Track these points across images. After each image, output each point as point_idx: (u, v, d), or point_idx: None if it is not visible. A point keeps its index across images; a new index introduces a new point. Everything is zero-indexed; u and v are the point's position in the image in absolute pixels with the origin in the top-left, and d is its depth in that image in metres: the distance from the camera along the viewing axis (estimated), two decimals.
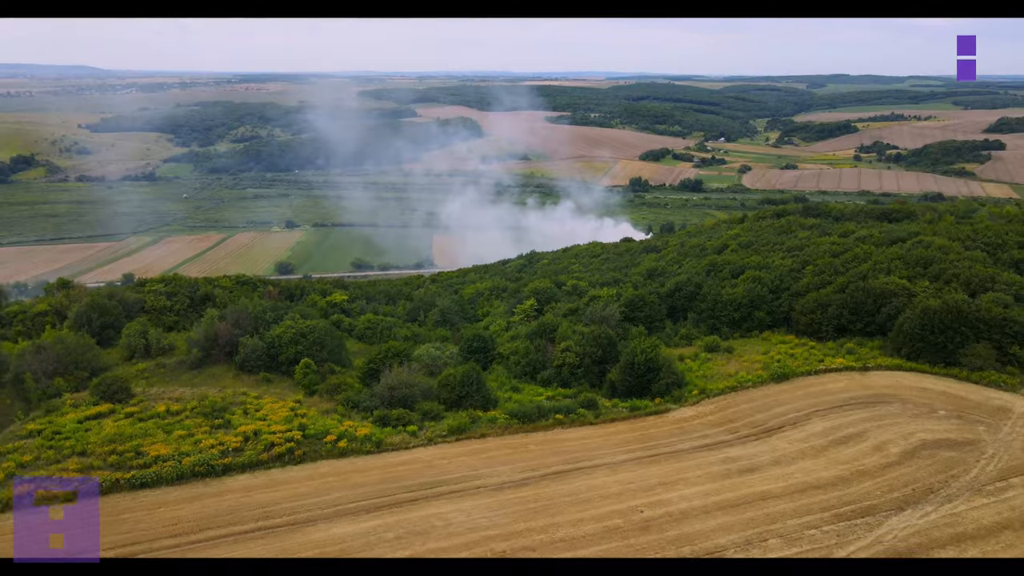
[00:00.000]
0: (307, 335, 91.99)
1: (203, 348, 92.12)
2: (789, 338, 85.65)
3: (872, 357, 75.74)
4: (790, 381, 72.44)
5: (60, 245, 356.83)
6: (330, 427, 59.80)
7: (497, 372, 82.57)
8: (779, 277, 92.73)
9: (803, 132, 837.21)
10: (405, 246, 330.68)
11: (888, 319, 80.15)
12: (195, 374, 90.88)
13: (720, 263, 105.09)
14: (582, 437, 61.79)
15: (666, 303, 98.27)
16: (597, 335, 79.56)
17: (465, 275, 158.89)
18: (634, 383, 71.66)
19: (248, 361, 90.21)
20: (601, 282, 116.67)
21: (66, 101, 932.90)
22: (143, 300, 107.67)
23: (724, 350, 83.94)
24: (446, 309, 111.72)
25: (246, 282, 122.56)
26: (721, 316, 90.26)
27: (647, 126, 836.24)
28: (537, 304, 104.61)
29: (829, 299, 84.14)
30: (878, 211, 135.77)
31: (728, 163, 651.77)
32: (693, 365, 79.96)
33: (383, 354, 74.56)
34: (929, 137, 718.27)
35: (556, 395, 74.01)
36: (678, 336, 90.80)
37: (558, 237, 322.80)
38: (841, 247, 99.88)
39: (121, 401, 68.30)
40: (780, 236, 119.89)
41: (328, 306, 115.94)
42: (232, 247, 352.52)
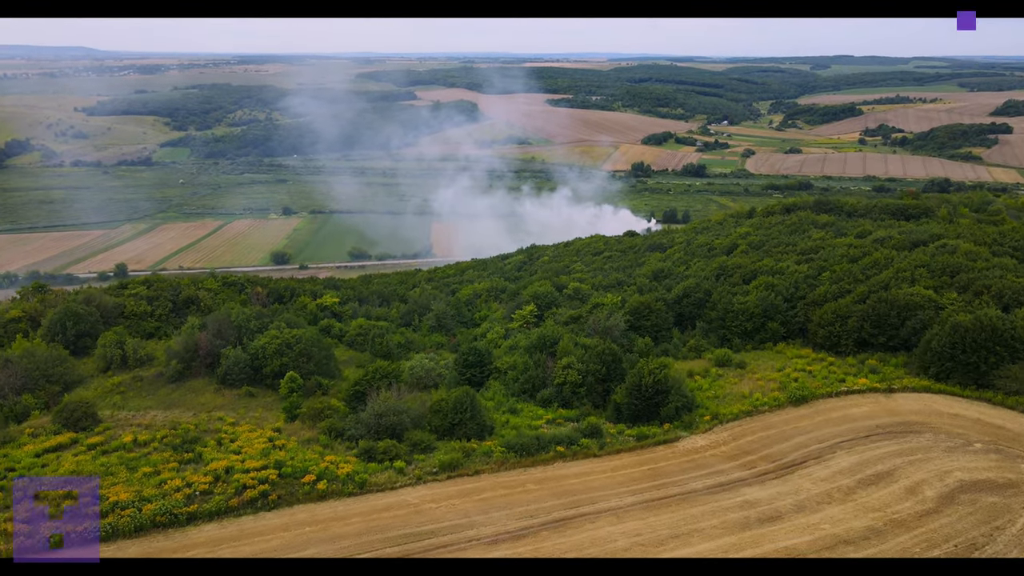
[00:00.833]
0: (293, 346, 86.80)
1: (182, 360, 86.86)
2: (806, 352, 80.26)
3: (897, 377, 70.36)
4: (809, 404, 67.09)
5: (53, 233, 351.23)
6: (309, 464, 54.52)
7: (494, 389, 77.29)
8: (794, 284, 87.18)
9: (807, 115, 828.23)
10: (403, 234, 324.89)
11: (913, 333, 74.73)
12: (174, 388, 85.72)
13: (730, 267, 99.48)
14: (585, 473, 56.55)
15: (673, 310, 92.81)
16: (601, 351, 74.20)
17: (463, 273, 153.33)
18: (641, 407, 66.35)
19: (230, 374, 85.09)
20: (604, 284, 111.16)
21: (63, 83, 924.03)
22: (122, 305, 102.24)
23: (736, 365, 78.57)
24: (441, 314, 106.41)
25: (232, 283, 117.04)
26: (732, 326, 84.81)
27: (649, 109, 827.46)
28: (537, 310, 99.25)
29: (849, 310, 78.66)
30: (893, 207, 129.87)
31: (731, 147, 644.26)
32: (703, 383, 74.61)
33: (371, 375, 69.20)
34: (935, 120, 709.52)
35: (557, 417, 68.84)
36: (686, 347, 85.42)
37: (559, 226, 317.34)
38: (859, 251, 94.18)
39: (85, 429, 63.03)
40: (792, 236, 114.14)
41: (318, 310, 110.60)
42: (228, 235, 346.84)
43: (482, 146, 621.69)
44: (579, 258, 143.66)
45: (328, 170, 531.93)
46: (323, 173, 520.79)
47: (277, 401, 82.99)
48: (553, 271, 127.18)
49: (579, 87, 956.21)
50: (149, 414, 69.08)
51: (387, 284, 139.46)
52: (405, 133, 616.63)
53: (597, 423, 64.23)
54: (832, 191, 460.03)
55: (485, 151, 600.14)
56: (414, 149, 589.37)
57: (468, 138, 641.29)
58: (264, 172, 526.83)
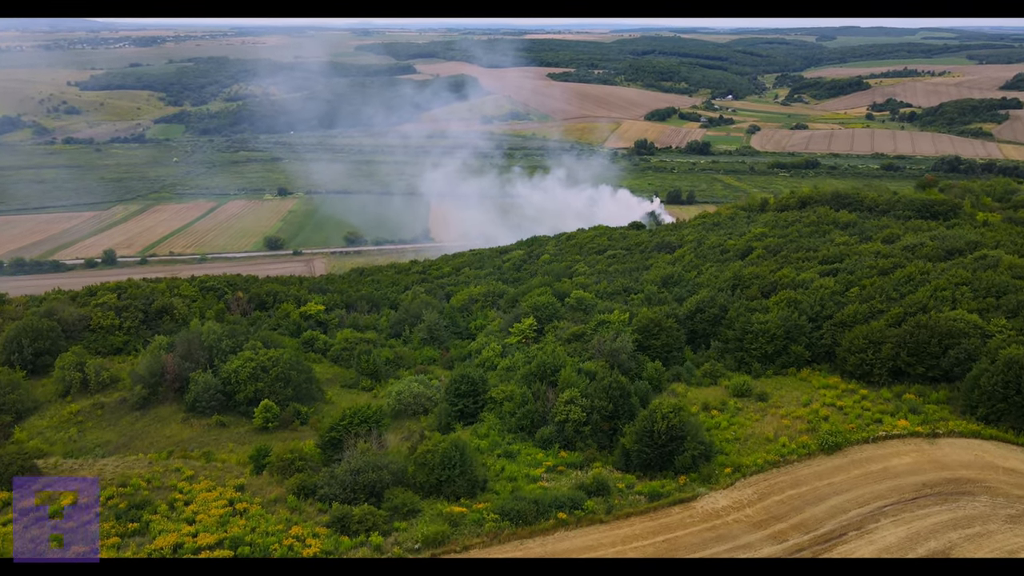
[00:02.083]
0: (269, 369, 79.35)
1: (148, 385, 79.51)
2: (834, 381, 72.43)
3: (941, 418, 62.57)
4: (843, 453, 59.42)
5: (43, 215, 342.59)
6: (271, 541, 46.93)
7: (488, 423, 69.73)
8: (819, 302, 79.12)
9: (813, 89, 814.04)
10: (400, 217, 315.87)
11: (956, 364, 66.93)
12: (138, 416, 78.47)
13: (747, 276, 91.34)
14: (590, 547, 49.04)
15: (685, 327, 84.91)
16: (607, 385, 66.45)
17: (458, 272, 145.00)
18: (653, 455, 58.74)
19: (199, 401, 77.93)
20: (609, 292, 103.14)
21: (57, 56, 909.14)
22: (88, 317, 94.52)
23: (757, 396, 70.81)
24: (433, 324, 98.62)
25: (211, 288, 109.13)
26: (751, 349, 76.90)
27: (652, 83, 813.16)
28: (537, 324, 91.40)
29: (882, 335, 70.72)
30: (918, 203, 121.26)
31: (736, 123, 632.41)
32: (721, 418, 66.95)
33: (348, 419, 61.47)
34: (944, 95, 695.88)
35: (558, 464, 61.35)
36: (700, 371, 77.64)
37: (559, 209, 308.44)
38: (889, 261, 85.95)
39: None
40: (812, 239, 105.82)
41: (301, 319, 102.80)
42: (221, 217, 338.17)
43: (482, 122, 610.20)
44: (582, 257, 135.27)
45: (324, 147, 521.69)
46: (319, 151, 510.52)
47: (251, 432, 75.87)
48: (554, 273, 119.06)
49: (581, 60, 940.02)
50: (99, 463, 61.41)
51: (378, 285, 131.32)
52: (403, 109, 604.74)
53: (604, 477, 56.73)
54: (840, 169, 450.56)
55: (485, 127, 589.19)
56: (413, 125, 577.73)
57: (468, 114, 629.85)
58: (260, 150, 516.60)
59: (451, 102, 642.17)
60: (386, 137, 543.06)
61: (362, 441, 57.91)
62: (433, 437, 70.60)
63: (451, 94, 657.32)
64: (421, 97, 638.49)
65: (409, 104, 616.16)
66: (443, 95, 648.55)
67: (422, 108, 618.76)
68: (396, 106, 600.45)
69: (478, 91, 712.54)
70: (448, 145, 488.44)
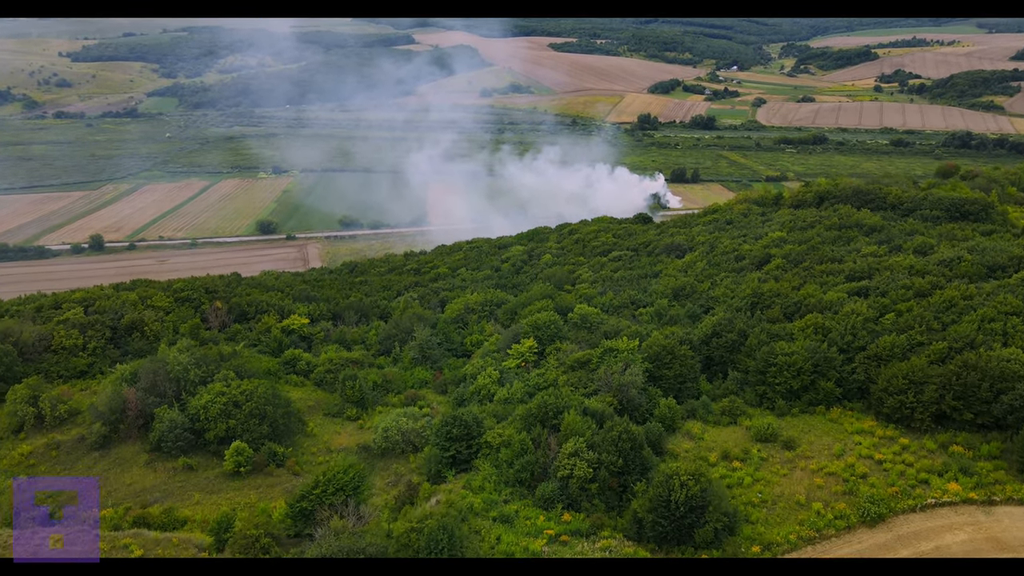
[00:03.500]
0: (242, 405, 71.80)
1: (108, 422, 72.06)
2: (868, 424, 64.87)
3: (996, 480, 55.16)
4: (887, 525, 52.11)
5: (31, 195, 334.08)
6: None
7: (484, 474, 62.40)
8: (850, 330, 71.34)
9: (820, 59, 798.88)
10: (397, 197, 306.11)
11: (1010, 412, 59.43)
12: (97, 458, 71.27)
13: (767, 294, 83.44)
14: None
15: (700, 352, 77.27)
16: (616, 436, 59.01)
17: (454, 273, 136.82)
18: (670, 528, 51.48)
19: (165, 441, 70.52)
20: (616, 305, 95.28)
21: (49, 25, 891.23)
22: (49, 336, 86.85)
23: (783, 443, 63.34)
24: (425, 343, 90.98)
25: (186, 299, 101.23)
26: (775, 383, 69.25)
27: (656, 54, 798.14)
28: (537, 345, 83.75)
29: (924, 375, 63.06)
30: (947, 202, 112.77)
31: (741, 95, 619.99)
32: (744, 472, 59.59)
33: (322, 489, 53.96)
34: (954, 65, 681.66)
35: (561, 532, 54.15)
36: (718, 407, 70.12)
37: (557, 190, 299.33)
38: (926, 281, 77.90)
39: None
40: (836, 246, 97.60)
41: (283, 335, 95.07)
42: (214, 197, 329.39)
43: (481, 95, 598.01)
44: (586, 259, 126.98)
45: (321, 122, 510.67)
46: (315, 125, 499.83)
47: (221, 478, 68.71)
48: (556, 280, 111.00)
49: (583, 30, 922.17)
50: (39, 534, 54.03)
51: (368, 289, 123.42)
52: (401, 81, 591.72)
53: (614, 552, 49.48)
54: (848, 145, 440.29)
55: (484, 101, 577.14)
56: (411, 99, 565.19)
57: (467, 86, 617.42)
58: (255, 124, 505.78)
59: (450, 75, 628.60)
60: (383, 111, 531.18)
61: (337, 516, 50.52)
62: (421, 490, 63.69)
63: (450, 66, 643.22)
64: (419, 69, 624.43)
65: (407, 76, 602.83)
66: (442, 67, 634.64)
67: (421, 80, 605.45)
68: (393, 79, 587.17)
69: (478, 62, 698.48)
70: (447, 120, 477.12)
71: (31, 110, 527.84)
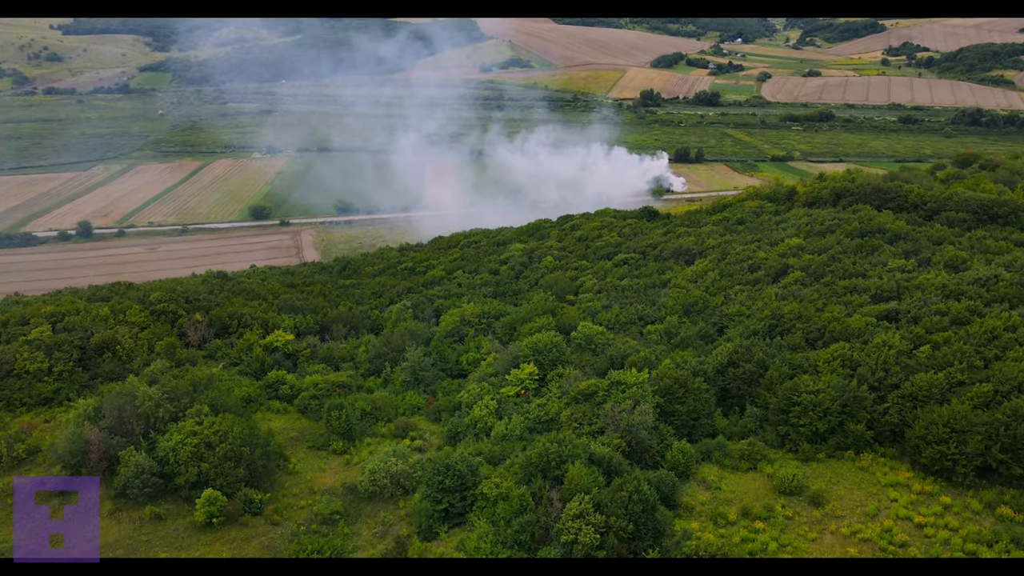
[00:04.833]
0: (215, 446, 65.69)
1: (69, 466, 65.91)
2: (903, 476, 58.77)
3: None
4: None
5: (20, 176, 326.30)
6: None
7: (479, 530, 56.52)
8: (882, 365, 64.98)
9: (826, 31, 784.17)
10: (393, 179, 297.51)
11: None
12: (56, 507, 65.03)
13: (787, 317, 76.98)
14: None
15: (715, 383, 71.08)
16: (626, 498, 53.02)
17: (451, 275, 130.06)
18: None
19: (131, 487, 64.26)
20: (622, 321, 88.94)
21: None
22: (11, 360, 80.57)
23: (809, 498, 57.31)
24: (418, 364, 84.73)
25: (163, 312, 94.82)
26: (799, 424, 63.06)
27: (658, 25, 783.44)
28: (538, 372, 77.50)
29: (967, 422, 56.90)
30: (974, 203, 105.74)
31: (746, 69, 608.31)
32: (767, 536, 53.58)
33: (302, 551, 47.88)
34: (963, 38, 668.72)
35: None
36: (736, 450, 63.98)
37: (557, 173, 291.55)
38: (962, 305, 71.46)
39: None
40: (858, 258, 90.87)
41: (266, 354, 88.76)
42: (206, 179, 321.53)
43: (481, 70, 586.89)
44: (589, 264, 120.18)
45: (317, 98, 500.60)
46: (312, 102, 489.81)
47: (191, 530, 62.63)
48: (558, 288, 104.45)
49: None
50: None
51: (359, 296, 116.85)
52: (400, 55, 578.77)
53: None
54: (855, 122, 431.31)
55: (484, 76, 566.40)
56: (410, 73, 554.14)
57: (466, 61, 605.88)
58: (249, 101, 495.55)
59: (449, 48, 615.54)
60: (380, 87, 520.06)
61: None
62: (410, 548, 57.91)
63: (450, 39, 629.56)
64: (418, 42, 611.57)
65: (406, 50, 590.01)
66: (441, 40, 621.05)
67: (418, 54, 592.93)
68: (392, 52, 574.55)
69: (477, 35, 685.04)
70: (447, 97, 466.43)
71: (21, 86, 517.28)
